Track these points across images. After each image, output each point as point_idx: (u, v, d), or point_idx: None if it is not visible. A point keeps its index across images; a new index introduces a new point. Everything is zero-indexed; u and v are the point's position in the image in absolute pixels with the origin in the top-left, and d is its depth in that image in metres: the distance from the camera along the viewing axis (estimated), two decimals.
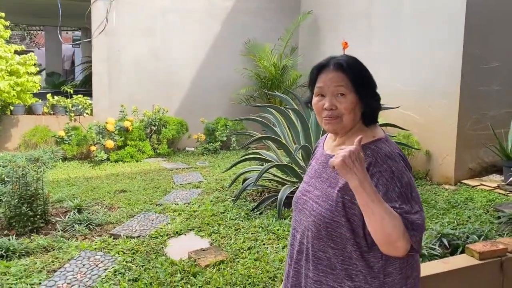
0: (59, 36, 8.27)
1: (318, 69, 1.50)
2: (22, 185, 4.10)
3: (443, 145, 5.50)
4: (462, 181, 5.33)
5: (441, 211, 4.26)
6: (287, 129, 4.79)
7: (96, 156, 7.03)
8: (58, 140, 7.33)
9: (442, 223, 3.82)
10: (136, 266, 3.31)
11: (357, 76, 1.45)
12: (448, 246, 3.03)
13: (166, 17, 8.31)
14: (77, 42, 16.45)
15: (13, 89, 6.22)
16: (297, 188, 2.02)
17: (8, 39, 6.80)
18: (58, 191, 5.28)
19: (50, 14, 7.77)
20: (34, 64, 6.78)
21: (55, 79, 14.61)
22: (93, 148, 7.19)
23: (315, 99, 1.51)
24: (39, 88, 6.92)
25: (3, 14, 6.85)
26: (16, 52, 6.62)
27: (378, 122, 1.54)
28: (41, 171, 5.99)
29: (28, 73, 6.58)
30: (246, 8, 8.73)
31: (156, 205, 4.79)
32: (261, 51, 8.46)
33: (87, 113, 7.97)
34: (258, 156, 4.89)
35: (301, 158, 4.66)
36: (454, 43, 5.26)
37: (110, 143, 7.16)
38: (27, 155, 6.32)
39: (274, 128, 4.82)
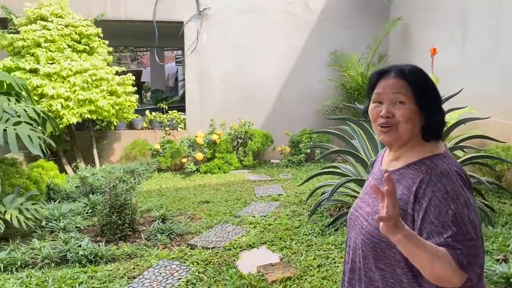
0: (155, 56, 8.96)
1: (378, 75, 1.42)
2: (113, 195, 4.49)
3: None
4: None
5: None
6: (366, 141, 4.60)
7: (187, 167, 7.43)
8: (154, 152, 7.90)
9: None
10: (208, 277, 3.42)
11: (419, 85, 1.35)
12: None
13: (252, 33, 8.55)
14: (177, 61, 17.62)
15: (113, 107, 6.86)
16: None
17: (110, 62, 7.50)
18: (148, 201, 5.67)
19: (151, 36, 8.45)
20: (132, 84, 7.40)
21: (158, 95, 15.80)
22: (184, 160, 7.62)
23: (371, 106, 1.42)
24: (136, 106, 7.53)
25: (107, 42, 7.60)
26: (117, 73, 7.29)
27: (440, 138, 1.40)
28: (135, 182, 6.51)
29: (126, 92, 7.19)
30: (332, 19, 8.64)
31: (235, 216, 4.91)
32: (348, 61, 8.28)
33: (181, 128, 8.49)
34: (336, 170, 4.76)
35: None
36: None
37: (199, 156, 7.53)
38: (125, 167, 6.90)
39: (352, 141, 4.66)
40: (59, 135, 7.41)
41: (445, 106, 4.14)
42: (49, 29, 6.72)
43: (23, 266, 3.67)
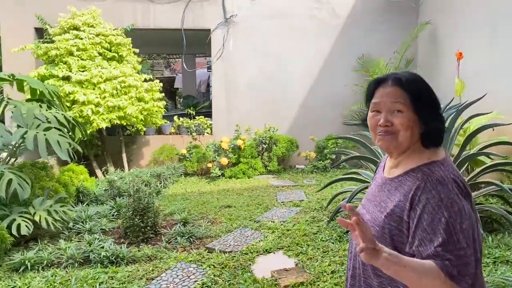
0: (182, 63, 9.17)
1: (376, 84, 1.42)
2: (136, 199, 4.63)
3: None
4: None
5: None
6: None
7: (212, 172, 7.55)
8: (180, 157, 8.07)
9: None
10: (223, 281, 3.47)
11: (416, 93, 1.35)
12: None
13: (278, 39, 8.61)
14: (208, 67, 17.88)
15: (141, 113, 7.07)
16: None
17: (139, 70, 7.74)
18: (172, 204, 5.80)
19: (180, 43, 8.66)
20: (160, 91, 7.60)
21: (189, 101, 16.12)
22: (210, 164, 7.74)
23: (370, 114, 1.42)
24: (163, 112, 7.73)
25: (137, 50, 7.85)
26: (145, 80, 7.51)
27: (440, 145, 1.41)
28: (161, 186, 6.67)
29: (153, 98, 7.40)
30: (359, 24, 8.58)
31: (255, 221, 4.95)
32: (375, 66, 8.20)
33: (207, 133, 8.64)
34: (356, 176, 4.73)
35: None
36: None
37: (224, 160, 7.63)
38: (152, 171, 7.08)
39: (372, 147, 4.62)
40: (90, 140, 7.72)
41: (470, 111, 4.06)
42: (81, 38, 7.01)
43: (49, 265, 3.85)
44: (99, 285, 3.46)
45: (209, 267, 3.74)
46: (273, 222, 4.82)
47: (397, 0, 8.41)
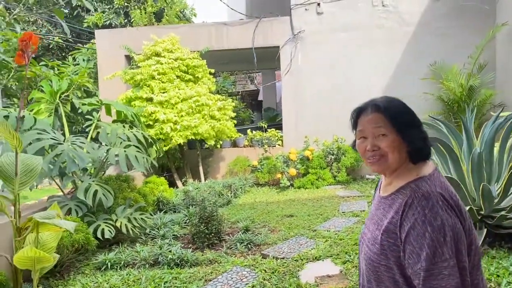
0: (255, 78, 9.63)
1: (358, 113, 1.54)
2: (202, 208, 5.12)
3: None
4: None
5: None
6: (438, 157, 4.52)
7: (281, 182, 7.87)
8: (252, 168, 8.52)
9: None
10: (270, 284, 3.77)
11: (395, 116, 1.45)
12: None
13: (345, 51, 8.73)
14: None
15: (213, 130, 7.66)
16: None
17: (213, 90, 8.38)
18: (239, 213, 6.22)
19: (251, 60, 9.19)
20: (232, 110, 8.17)
21: (270, 113, 16.69)
22: (279, 175, 8.08)
23: (358, 142, 1.53)
24: (234, 130, 8.29)
25: (212, 71, 8.51)
26: (218, 100, 8.13)
27: (428, 158, 1.50)
28: (231, 196, 7.15)
29: (225, 118, 7.96)
30: (430, 30, 8.40)
31: (312, 230, 5.17)
32: (448, 72, 7.95)
33: (278, 145, 9.00)
34: None
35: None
36: None
37: (293, 171, 7.92)
38: (224, 182, 7.60)
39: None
40: (173, 153, 8.51)
41: None
42: (162, 64, 7.82)
43: (126, 265, 4.45)
44: (164, 283, 3.95)
45: (261, 272, 4.06)
46: (329, 231, 5.00)
47: (469, 4, 8.07)
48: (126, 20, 14.87)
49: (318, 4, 8.76)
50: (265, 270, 4.07)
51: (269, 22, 9.01)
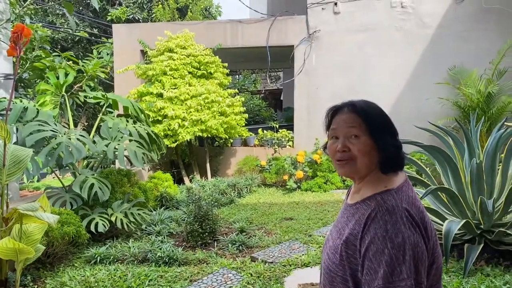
0: (267, 77, 9.56)
1: (333, 112, 1.48)
2: (196, 206, 5.08)
3: None
4: None
5: None
6: (439, 167, 4.33)
7: (287, 184, 7.76)
8: (260, 168, 8.44)
9: None
10: None
11: (371, 118, 1.39)
12: None
13: (362, 51, 8.53)
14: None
15: (221, 125, 7.61)
16: None
17: (226, 85, 8.34)
18: (239, 213, 6.16)
19: (265, 59, 9.10)
20: (241, 106, 8.10)
21: (289, 113, 16.57)
22: (285, 177, 7.97)
23: (329, 142, 1.46)
24: (243, 124, 8.20)
25: (226, 64, 8.47)
26: (230, 94, 8.08)
27: (399, 170, 1.42)
28: (235, 195, 7.09)
29: (235, 113, 7.90)
30: (450, 33, 8.11)
31: (308, 235, 5.06)
32: (467, 78, 7.66)
33: (289, 145, 8.88)
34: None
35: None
36: None
37: (300, 174, 7.80)
38: (229, 181, 7.55)
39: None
40: (183, 150, 8.53)
41: None
42: (174, 60, 7.83)
43: (115, 260, 4.45)
44: (149, 281, 3.92)
45: (247, 275, 3.98)
46: (324, 237, 4.87)
47: (493, 7, 7.74)
48: (149, 16, 15.00)
49: (335, 4, 8.59)
50: (251, 274, 4.00)
51: (284, 20, 8.90)
